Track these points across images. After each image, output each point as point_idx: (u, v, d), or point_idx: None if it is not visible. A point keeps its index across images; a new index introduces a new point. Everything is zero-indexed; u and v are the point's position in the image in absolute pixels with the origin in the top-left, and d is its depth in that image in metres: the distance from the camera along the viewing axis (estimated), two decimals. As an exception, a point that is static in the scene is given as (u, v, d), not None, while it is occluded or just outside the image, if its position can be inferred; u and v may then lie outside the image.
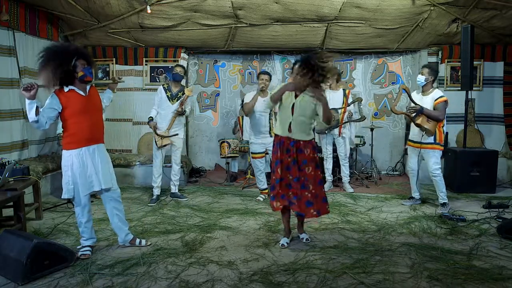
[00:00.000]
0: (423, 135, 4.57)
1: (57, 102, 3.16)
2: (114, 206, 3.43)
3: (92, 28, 5.94)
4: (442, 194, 4.67)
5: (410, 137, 4.82)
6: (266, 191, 5.18)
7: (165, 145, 5.07)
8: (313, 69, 3.24)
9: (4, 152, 4.73)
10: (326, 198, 3.58)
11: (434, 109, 4.54)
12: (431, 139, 4.58)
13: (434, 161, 4.61)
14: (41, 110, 3.11)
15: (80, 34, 6.13)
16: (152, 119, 5.05)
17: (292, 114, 3.42)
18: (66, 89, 3.20)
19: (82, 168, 3.25)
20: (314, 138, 3.57)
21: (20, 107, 5.01)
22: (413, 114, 4.55)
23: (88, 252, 3.32)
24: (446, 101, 4.54)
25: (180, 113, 5.08)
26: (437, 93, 4.62)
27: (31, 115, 3.05)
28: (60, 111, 3.18)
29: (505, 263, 3.14)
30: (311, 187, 3.43)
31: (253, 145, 5.04)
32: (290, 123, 3.43)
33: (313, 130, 3.67)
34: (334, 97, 5.58)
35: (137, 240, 3.55)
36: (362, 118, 5.74)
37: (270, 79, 4.97)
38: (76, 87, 3.23)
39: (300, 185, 3.42)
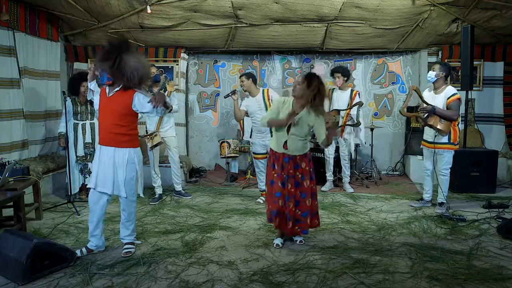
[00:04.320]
0: (436, 135, 4.46)
1: (99, 94, 3.41)
2: (122, 205, 3.41)
3: (92, 28, 5.94)
4: (443, 194, 4.62)
5: (424, 137, 4.69)
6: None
7: (156, 145, 5.04)
8: (314, 87, 3.31)
9: (4, 152, 4.73)
10: (317, 211, 3.66)
11: (447, 108, 4.39)
12: (445, 139, 4.47)
13: (446, 161, 4.54)
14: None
15: (80, 34, 6.13)
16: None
17: (288, 132, 3.43)
18: (106, 85, 3.34)
19: (95, 163, 3.37)
20: (309, 151, 3.61)
21: (20, 107, 5.01)
22: (425, 115, 4.41)
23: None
24: (459, 99, 4.39)
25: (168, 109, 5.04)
26: (449, 90, 4.44)
27: (89, 93, 3.53)
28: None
29: (505, 263, 3.14)
30: (307, 202, 3.49)
31: (254, 145, 5.02)
32: (286, 141, 3.44)
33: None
34: (341, 97, 5.53)
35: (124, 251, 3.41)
36: (358, 123, 5.63)
37: (249, 78, 4.92)
38: (109, 86, 3.30)
39: (294, 203, 3.47)
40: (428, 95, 4.62)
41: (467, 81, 5.56)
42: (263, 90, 4.96)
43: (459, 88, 5.88)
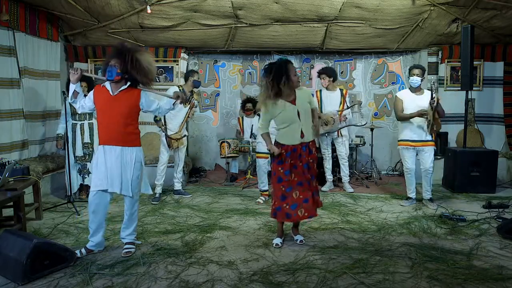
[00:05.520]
0: (430, 130, 4.58)
1: (91, 94, 3.35)
2: (126, 205, 3.43)
3: (92, 28, 5.94)
4: (430, 190, 4.80)
5: (409, 137, 4.77)
6: (267, 192, 5.17)
7: (178, 147, 5.21)
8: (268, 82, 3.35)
9: (4, 152, 4.72)
10: (318, 191, 3.71)
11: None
12: (429, 137, 4.65)
13: (432, 158, 4.70)
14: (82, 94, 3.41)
15: (80, 34, 6.13)
16: (160, 119, 5.13)
17: (300, 119, 3.43)
18: (106, 84, 3.32)
19: (100, 164, 3.28)
20: None
21: (20, 107, 5.01)
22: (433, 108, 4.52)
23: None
24: (440, 100, 4.64)
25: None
26: (429, 93, 4.65)
27: (70, 96, 3.35)
28: (93, 103, 3.35)
29: (505, 263, 3.14)
30: (313, 183, 3.55)
31: (259, 144, 5.01)
32: (302, 129, 3.44)
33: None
34: (331, 98, 5.57)
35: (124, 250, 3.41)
36: (363, 123, 5.72)
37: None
38: (111, 84, 3.29)
39: (308, 187, 3.50)
40: (409, 96, 4.76)
41: (467, 81, 5.57)
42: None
43: (459, 88, 5.90)
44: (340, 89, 5.66)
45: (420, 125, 4.66)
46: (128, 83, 3.29)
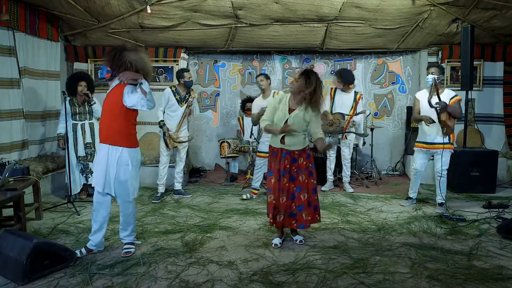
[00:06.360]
0: (444, 132, 4.47)
1: None
2: (119, 206, 3.40)
3: (92, 28, 5.93)
4: (443, 195, 4.64)
5: (422, 138, 4.68)
6: (257, 191, 5.27)
7: (175, 146, 5.23)
8: (310, 84, 3.32)
9: (4, 152, 4.72)
10: (318, 206, 3.61)
11: None
12: (446, 139, 4.53)
13: (445, 161, 4.55)
14: None
15: (80, 34, 6.13)
16: (164, 123, 5.14)
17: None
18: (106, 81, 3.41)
19: (95, 162, 3.35)
20: (308, 146, 3.60)
21: (20, 107, 5.01)
22: (439, 110, 4.40)
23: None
24: (460, 100, 4.55)
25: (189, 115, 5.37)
26: (450, 92, 4.58)
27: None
28: None
29: (505, 263, 3.15)
30: (302, 197, 3.47)
31: (261, 143, 5.18)
32: (283, 136, 3.46)
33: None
34: (344, 99, 5.57)
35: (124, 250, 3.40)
36: (365, 134, 5.72)
37: (267, 79, 5.23)
38: (109, 81, 3.34)
39: (288, 196, 3.49)
40: (427, 96, 4.64)
41: (467, 81, 5.56)
42: (273, 92, 5.15)
43: (459, 88, 5.90)
44: (355, 92, 5.65)
45: (432, 127, 4.54)
46: (117, 80, 3.26)
